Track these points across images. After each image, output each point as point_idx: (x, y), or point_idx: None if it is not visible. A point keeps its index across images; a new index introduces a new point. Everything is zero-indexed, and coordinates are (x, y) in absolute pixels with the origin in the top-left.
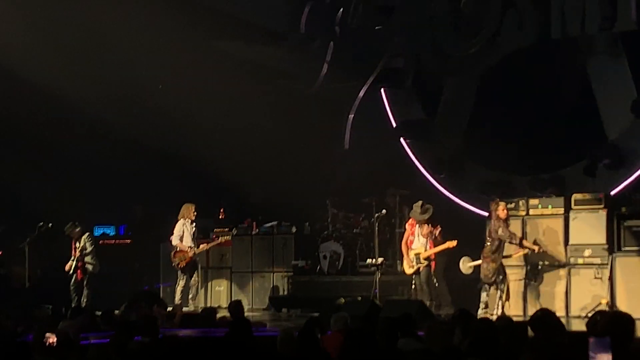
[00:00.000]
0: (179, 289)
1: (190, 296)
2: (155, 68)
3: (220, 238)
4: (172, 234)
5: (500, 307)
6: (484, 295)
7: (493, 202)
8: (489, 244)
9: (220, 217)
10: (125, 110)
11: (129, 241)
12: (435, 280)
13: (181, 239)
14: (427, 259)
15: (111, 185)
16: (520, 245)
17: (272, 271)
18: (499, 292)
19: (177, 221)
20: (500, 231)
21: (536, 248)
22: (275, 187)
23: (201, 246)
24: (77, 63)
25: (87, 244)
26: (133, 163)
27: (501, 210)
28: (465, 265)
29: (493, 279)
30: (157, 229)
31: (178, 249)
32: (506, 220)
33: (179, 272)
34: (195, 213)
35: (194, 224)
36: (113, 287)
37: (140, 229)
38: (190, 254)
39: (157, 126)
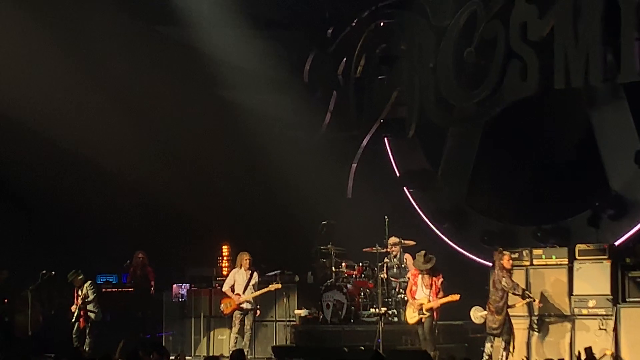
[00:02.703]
0: (232, 336)
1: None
2: (159, 118)
3: (270, 285)
4: None
5: (504, 358)
6: (488, 345)
7: (497, 252)
8: (493, 294)
9: (220, 265)
10: (130, 159)
11: (131, 289)
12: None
13: (232, 288)
14: (430, 310)
15: (115, 234)
16: (523, 296)
17: (275, 320)
18: (503, 343)
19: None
20: (503, 281)
21: (536, 302)
22: (278, 236)
23: (253, 293)
24: (87, 115)
25: (90, 292)
26: (137, 213)
27: (506, 260)
28: (477, 314)
29: (499, 330)
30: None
31: (225, 296)
32: (509, 271)
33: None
34: (247, 261)
35: (252, 272)
36: (115, 336)
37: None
38: (237, 300)
39: (161, 177)
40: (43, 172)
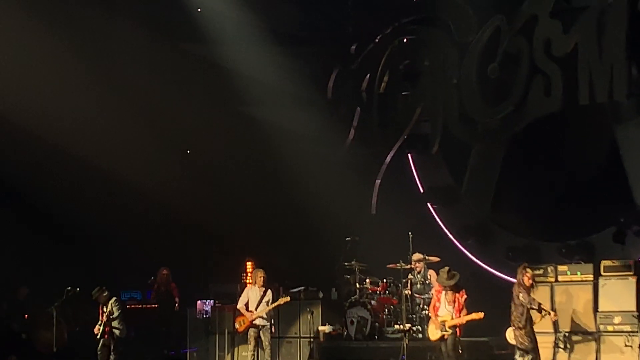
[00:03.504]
0: (249, 354)
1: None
2: (184, 133)
3: (280, 299)
4: None
5: None
6: None
7: (521, 267)
8: (514, 310)
9: (245, 281)
10: (155, 176)
11: (156, 306)
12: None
13: (247, 305)
14: (453, 327)
15: (139, 250)
16: (539, 310)
17: (299, 337)
18: None
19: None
20: (520, 296)
21: (552, 315)
22: (302, 252)
23: (264, 309)
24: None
25: (114, 309)
26: (161, 229)
27: (527, 279)
28: (512, 335)
29: (528, 345)
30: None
31: (240, 314)
32: (528, 287)
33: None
34: (262, 278)
35: (266, 289)
36: (140, 352)
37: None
38: (249, 318)
39: (186, 194)
40: (68, 188)
